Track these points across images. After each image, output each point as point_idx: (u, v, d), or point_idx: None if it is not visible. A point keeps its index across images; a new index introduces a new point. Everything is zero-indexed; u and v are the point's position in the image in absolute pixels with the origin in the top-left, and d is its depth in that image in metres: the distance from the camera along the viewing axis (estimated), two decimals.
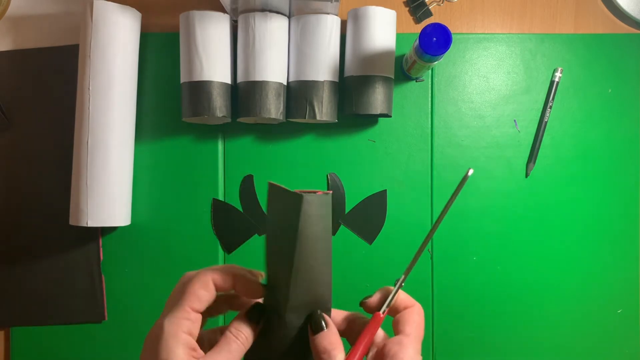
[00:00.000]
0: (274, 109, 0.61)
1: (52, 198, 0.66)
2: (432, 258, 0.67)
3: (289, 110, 0.63)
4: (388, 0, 0.67)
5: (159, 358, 0.33)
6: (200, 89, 0.60)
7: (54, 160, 0.66)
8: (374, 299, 0.39)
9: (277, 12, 0.61)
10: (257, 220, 0.65)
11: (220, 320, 0.66)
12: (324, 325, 0.35)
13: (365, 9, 0.60)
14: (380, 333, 0.38)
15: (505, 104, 0.68)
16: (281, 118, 0.62)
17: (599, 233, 0.67)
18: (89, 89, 0.59)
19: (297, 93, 0.62)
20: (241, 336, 0.36)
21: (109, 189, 0.60)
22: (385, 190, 0.66)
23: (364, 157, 0.67)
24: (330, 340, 0.35)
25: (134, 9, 0.62)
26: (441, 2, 0.68)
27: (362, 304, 0.39)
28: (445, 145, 0.67)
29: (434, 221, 0.67)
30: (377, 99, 0.61)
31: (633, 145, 0.68)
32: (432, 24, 0.55)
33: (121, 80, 0.61)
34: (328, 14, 0.61)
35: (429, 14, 0.68)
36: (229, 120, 0.64)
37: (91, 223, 0.59)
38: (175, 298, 0.36)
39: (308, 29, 0.61)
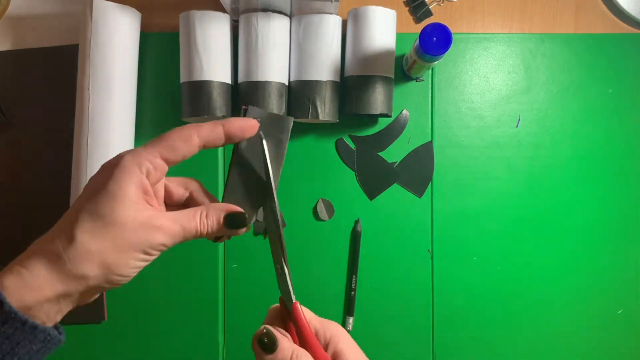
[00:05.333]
0: (276, 109, 0.61)
1: (52, 198, 0.66)
2: (432, 258, 0.67)
3: (290, 110, 0.63)
4: (388, 0, 0.67)
5: (105, 187, 0.31)
6: (200, 88, 0.60)
7: (54, 160, 0.66)
8: (275, 306, 0.39)
9: (279, 12, 0.61)
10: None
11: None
12: (274, 343, 0.34)
13: (366, 9, 0.60)
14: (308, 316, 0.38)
15: (505, 104, 0.67)
16: None
17: (600, 233, 0.67)
18: (88, 89, 0.59)
19: (299, 93, 0.62)
20: (206, 227, 0.34)
21: None
22: (431, 140, 0.66)
23: None
24: (284, 353, 0.34)
25: (133, 8, 0.62)
26: (441, 1, 0.68)
27: (274, 309, 0.39)
28: (445, 145, 0.67)
29: (434, 221, 0.67)
30: (377, 99, 0.61)
31: (633, 145, 0.68)
32: (432, 23, 0.55)
33: (121, 80, 0.61)
34: (329, 13, 0.61)
35: (429, 13, 0.68)
36: None
37: None
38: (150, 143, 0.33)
39: (310, 28, 0.61)
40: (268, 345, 0.34)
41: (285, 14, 0.62)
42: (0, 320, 0.29)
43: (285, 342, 0.34)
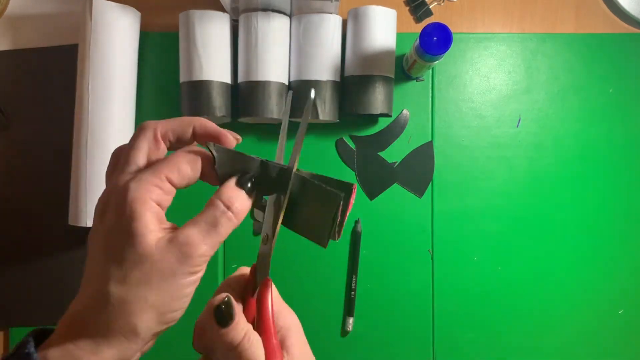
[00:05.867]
0: (276, 109, 0.61)
1: (51, 198, 0.66)
2: (432, 258, 0.67)
3: (290, 110, 0.63)
4: (388, 0, 0.67)
5: (119, 224, 0.27)
6: (200, 88, 0.60)
7: (54, 160, 0.66)
8: (250, 273, 0.34)
9: (279, 12, 0.61)
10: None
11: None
12: (232, 317, 0.30)
13: (366, 9, 0.60)
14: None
15: (506, 104, 0.67)
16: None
17: (600, 233, 0.67)
18: (88, 88, 0.59)
19: (299, 93, 0.62)
20: (235, 207, 0.29)
21: None
22: (431, 140, 0.66)
23: None
24: (240, 331, 0.30)
25: (133, 8, 0.62)
26: (442, 1, 0.68)
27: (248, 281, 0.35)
28: (445, 144, 0.67)
29: (434, 221, 0.67)
30: (378, 99, 0.61)
31: (634, 144, 0.67)
32: (432, 23, 0.55)
33: (120, 80, 0.60)
34: (329, 13, 0.61)
35: (429, 13, 0.68)
36: (229, 120, 0.64)
37: (91, 223, 0.59)
38: (134, 153, 0.30)
39: (311, 28, 0.61)
40: (224, 317, 0.30)
41: (285, 14, 0.62)
42: None
43: (242, 319, 0.31)
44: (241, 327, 0.30)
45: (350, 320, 0.65)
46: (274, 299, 0.33)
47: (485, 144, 0.67)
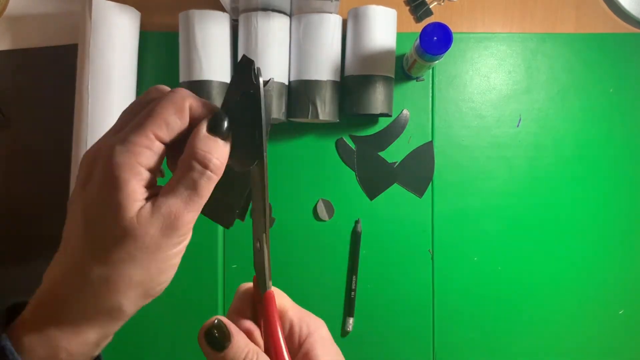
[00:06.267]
0: (276, 109, 0.61)
1: (51, 197, 0.65)
2: (432, 258, 0.67)
3: (290, 110, 0.63)
4: (388, 0, 0.67)
5: (101, 193, 0.24)
6: (200, 88, 0.60)
7: (53, 160, 0.66)
8: (252, 285, 0.32)
9: (279, 11, 0.61)
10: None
11: None
12: (227, 339, 0.29)
13: (366, 8, 0.60)
14: (284, 303, 0.32)
15: (506, 104, 0.67)
16: (283, 118, 0.62)
17: (600, 233, 0.67)
18: (88, 88, 0.59)
19: (299, 93, 0.62)
20: (213, 162, 0.26)
21: None
22: (431, 140, 0.66)
23: None
24: (236, 353, 0.28)
25: (133, 8, 0.62)
26: (442, 1, 0.68)
27: (245, 292, 0.33)
28: (445, 144, 0.67)
29: (434, 221, 0.67)
30: (378, 99, 0.61)
31: (634, 144, 0.67)
32: (432, 23, 0.55)
33: (120, 80, 0.60)
34: (329, 13, 0.61)
35: (429, 13, 0.68)
36: None
37: None
38: (127, 117, 0.27)
39: (311, 28, 0.61)
40: (218, 340, 0.28)
41: (285, 13, 0.62)
42: None
43: (241, 339, 0.28)
44: (241, 348, 0.28)
45: (350, 320, 0.65)
46: (287, 308, 0.32)
47: (485, 144, 0.67)
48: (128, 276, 0.25)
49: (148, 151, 0.25)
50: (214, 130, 0.26)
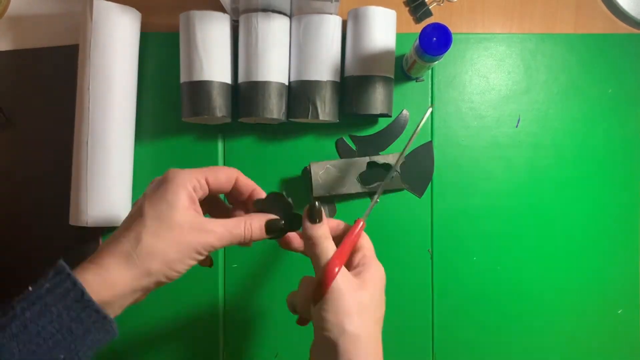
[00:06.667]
0: (276, 109, 0.61)
1: (52, 198, 0.66)
2: (432, 258, 0.67)
3: (290, 110, 0.63)
4: (388, 0, 0.67)
5: (164, 197, 0.37)
6: (200, 88, 0.60)
7: (54, 160, 0.66)
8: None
9: (279, 12, 0.61)
10: None
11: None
12: (320, 218, 0.42)
13: (365, 9, 0.60)
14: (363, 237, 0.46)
15: (505, 104, 0.68)
16: (283, 118, 0.62)
17: (599, 233, 0.67)
18: (88, 89, 0.59)
19: (299, 93, 0.62)
20: (251, 235, 0.41)
21: (109, 189, 0.60)
22: (431, 141, 0.67)
23: None
24: (324, 231, 0.42)
25: (133, 8, 0.62)
26: (441, 2, 0.68)
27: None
28: (445, 145, 0.67)
29: (434, 221, 0.67)
30: (377, 99, 0.61)
31: (633, 145, 0.68)
32: (432, 23, 0.55)
33: (121, 80, 0.61)
34: (329, 13, 0.61)
35: (429, 13, 0.68)
36: (229, 120, 0.64)
37: (91, 223, 0.59)
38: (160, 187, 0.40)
39: (311, 28, 0.61)
40: (314, 216, 0.42)
41: (285, 14, 0.62)
42: (80, 308, 0.34)
43: (326, 227, 0.42)
44: (323, 229, 0.42)
45: None
46: (366, 246, 0.46)
47: (485, 144, 0.67)
48: (165, 251, 0.37)
49: (196, 182, 0.40)
50: (268, 225, 0.43)
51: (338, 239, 0.45)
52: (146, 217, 0.37)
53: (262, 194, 0.45)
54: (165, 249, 0.36)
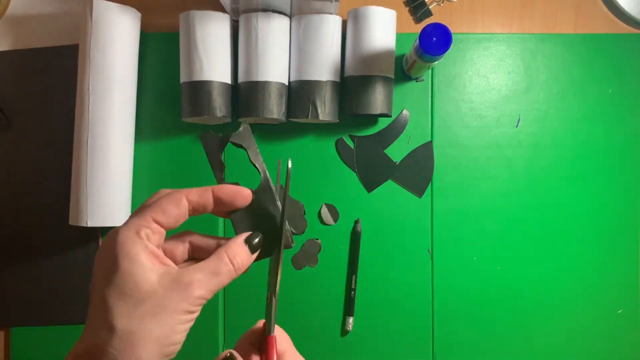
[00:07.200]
0: (276, 109, 0.61)
1: (52, 198, 0.66)
2: (432, 258, 0.67)
3: (290, 110, 0.63)
4: (388, 0, 0.67)
5: (118, 267, 0.29)
6: (200, 88, 0.60)
7: (54, 160, 0.66)
8: (259, 326, 0.39)
9: (279, 12, 0.61)
10: None
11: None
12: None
13: (365, 9, 0.60)
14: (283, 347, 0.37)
15: (505, 104, 0.68)
16: (283, 118, 0.62)
17: (599, 233, 0.67)
18: (88, 89, 0.59)
19: (299, 93, 0.62)
20: (237, 261, 0.33)
21: (109, 189, 0.60)
22: (431, 141, 0.66)
23: None
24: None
25: (133, 8, 0.62)
26: (441, 1, 0.68)
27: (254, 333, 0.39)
28: (445, 145, 0.67)
29: (434, 221, 0.67)
30: (377, 99, 0.61)
31: (633, 145, 0.68)
32: (432, 23, 0.55)
33: (121, 80, 0.61)
34: (329, 13, 0.61)
35: (429, 13, 0.68)
36: (229, 120, 0.64)
37: (91, 223, 0.59)
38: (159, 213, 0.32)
39: (311, 28, 0.61)
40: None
41: (285, 14, 0.62)
42: None
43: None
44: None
45: (350, 320, 0.66)
46: (288, 353, 0.36)
47: (485, 144, 0.67)
48: (148, 330, 0.29)
49: (147, 229, 0.31)
50: (248, 241, 0.35)
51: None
52: (109, 300, 0.29)
53: (247, 195, 0.36)
54: (147, 328, 0.29)
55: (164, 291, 0.30)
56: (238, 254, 0.34)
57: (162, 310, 0.29)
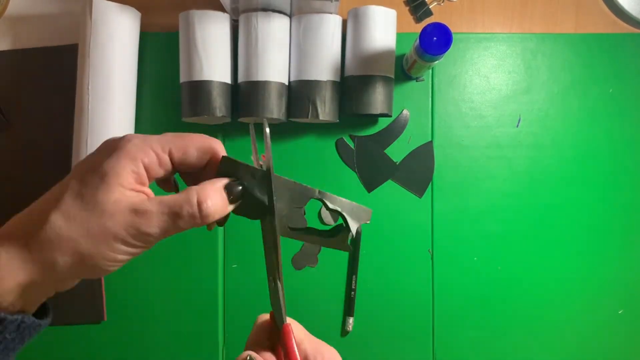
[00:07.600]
0: (276, 109, 0.61)
1: None
2: (432, 258, 0.67)
3: (290, 110, 0.63)
4: (388, 0, 0.67)
5: (98, 166, 0.27)
6: (200, 88, 0.60)
7: (54, 160, 0.66)
8: (263, 320, 0.34)
9: (279, 12, 0.61)
10: None
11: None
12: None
13: (366, 9, 0.60)
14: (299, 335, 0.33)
15: (505, 104, 0.67)
16: (283, 118, 0.62)
17: (600, 233, 0.67)
18: (88, 88, 0.59)
19: (299, 93, 0.62)
20: (206, 206, 0.29)
21: None
22: (431, 141, 0.66)
23: None
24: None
25: (133, 8, 0.62)
26: (441, 1, 0.68)
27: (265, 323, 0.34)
28: (445, 145, 0.67)
29: (434, 221, 0.67)
30: (377, 99, 0.61)
31: (634, 145, 0.67)
32: (432, 23, 0.55)
33: (120, 80, 0.61)
34: (329, 13, 0.61)
35: (429, 13, 0.68)
36: (229, 120, 0.64)
37: None
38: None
39: (311, 28, 0.61)
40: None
41: (285, 14, 0.62)
42: None
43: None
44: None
45: (350, 320, 0.65)
46: (302, 338, 0.32)
47: (485, 144, 0.67)
48: (75, 240, 0.27)
49: (155, 157, 0.29)
50: (228, 189, 0.30)
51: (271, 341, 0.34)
52: (67, 190, 0.27)
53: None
54: (76, 238, 0.26)
55: (112, 212, 0.27)
56: (211, 198, 0.29)
57: (100, 230, 0.27)
